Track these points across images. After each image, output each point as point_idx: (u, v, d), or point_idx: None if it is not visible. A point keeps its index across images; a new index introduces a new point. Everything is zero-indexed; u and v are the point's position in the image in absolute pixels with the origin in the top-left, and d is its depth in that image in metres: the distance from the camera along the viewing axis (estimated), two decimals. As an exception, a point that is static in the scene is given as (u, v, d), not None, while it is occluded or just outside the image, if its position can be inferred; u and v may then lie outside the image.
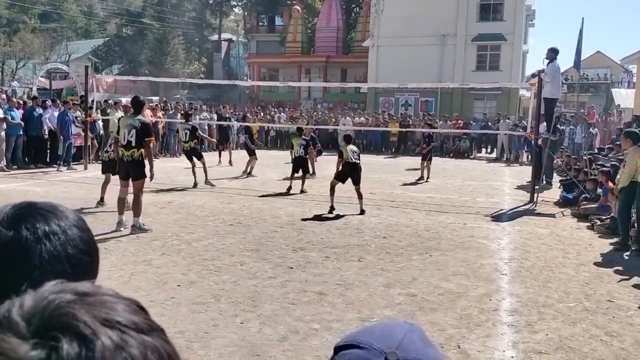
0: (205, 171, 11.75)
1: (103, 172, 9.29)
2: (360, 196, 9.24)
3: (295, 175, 11.50)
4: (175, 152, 18.90)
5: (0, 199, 9.40)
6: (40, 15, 57.67)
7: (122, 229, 7.33)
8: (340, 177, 9.28)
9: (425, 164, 13.84)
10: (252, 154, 13.84)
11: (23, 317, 0.50)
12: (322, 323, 4.44)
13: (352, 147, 9.48)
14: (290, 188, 11.25)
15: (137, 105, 7.72)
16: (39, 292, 0.53)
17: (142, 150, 7.35)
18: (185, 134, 12.14)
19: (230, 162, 15.49)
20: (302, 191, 11.24)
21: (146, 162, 7.47)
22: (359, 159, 9.34)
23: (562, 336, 4.32)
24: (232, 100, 33.08)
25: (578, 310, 4.94)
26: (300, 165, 11.56)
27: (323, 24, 40.44)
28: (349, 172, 9.21)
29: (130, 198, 7.74)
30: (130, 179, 7.46)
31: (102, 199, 9.12)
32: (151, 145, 7.60)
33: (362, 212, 9.13)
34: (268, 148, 23.10)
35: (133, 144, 7.29)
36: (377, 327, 0.71)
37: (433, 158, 14.63)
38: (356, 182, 9.25)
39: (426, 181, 13.57)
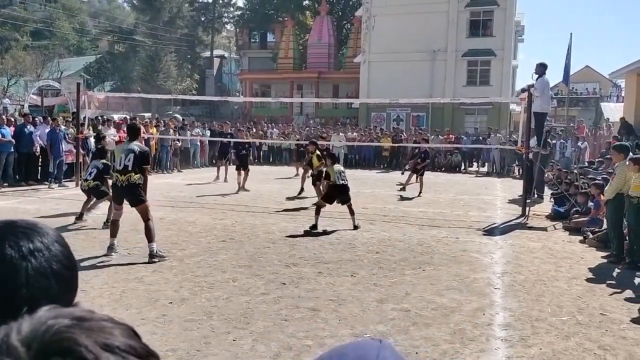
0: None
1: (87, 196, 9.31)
2: (352, 212, 9.21)
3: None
4: (168, 168, 18.87)
5: (-10, 217, 9.31)
6: (32, 32, 57.72)
7: (112, 254, 6.91)
8: (327, 199, 9.17)
9: (417, 179, 13.89)
10: (239, 168, 13.92)
11: (22, 342, 0.50)
12: (315, 339, 4.41)
13: (338, 167, 9.35)
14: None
15: (133, 132, 7.37)
16: (35, 317, 0.53)
17: (139, 174, 6.97)
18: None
19: (225, 179, 15.50)
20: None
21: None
22: (346, 180, 9.26)
23: (556, 350, 4.32)
24: (224, 116, 33.13)
25: (571, 324, 4.94)
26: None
27: (314, 40, 40.74)
28: (337, 194, 9.14)
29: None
30: (131, 205, 7.11)
31: (81, 215, 9.08)
32: (147, 172, 7.24)
33: (356, 227, 9.10)
34: (260, 164, 23.12)
35: (129, 167, 6.93)
36: (350, 348, 0.69)
37: (425, 172, 14.67)
38: (345, 202, 9.19)
39: (418, 196, 13.58)
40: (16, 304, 0.77)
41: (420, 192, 13.76)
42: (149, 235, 6.86)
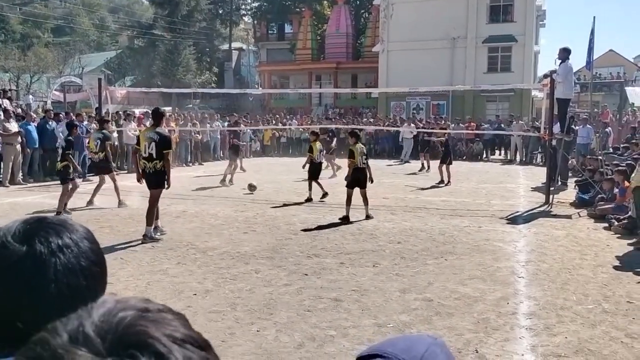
0: (116, 189, 10.24)
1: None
2: (366, 201, 9.14)
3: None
4: (188, 161, 19.02)
5: (18, 212, 9.52)
6: (53, 29, 58.56)
7: (158, 235, 7.61)
8: (353, 184, 9.10)
9: (444, 168, 13.77)
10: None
11: (97, 332, 0.51)
12: (338, 330, 4.43)
13: (361, 146, 9.30)
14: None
15: (157, 117, 7.81)
16: (104, 307, 0.55)
17: (162, 161, 7.46)
18: (96, 144, 10.47)
19: (241, 168, 15.74)
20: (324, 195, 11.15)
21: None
22: (367, 163, 9.27)
23: (582, 339, 4.27)
24: (243, 109, 33.23)
25: (597, 312, 4.88)
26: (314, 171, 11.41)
27: (332, 30, 40.54)
28: (359, 176, 9.10)
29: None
30: (148, 188, 7.62)
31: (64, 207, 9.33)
32: (170, 157, 7.66)
33: (368, 217, 9.06)
34: (280, 155, 23.16)
35: (154, 156, 7.42)
36: (401, 339, 0.72)
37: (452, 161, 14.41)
38: (363, 186, 9.14)
39: (447, 184, 13.48)
40: (45, 299, 0.78)
41: (448, 181, 13.65)
42: (149, 218, 7.42)
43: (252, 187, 12.00)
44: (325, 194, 11.10)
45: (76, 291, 0.80)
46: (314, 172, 11.34)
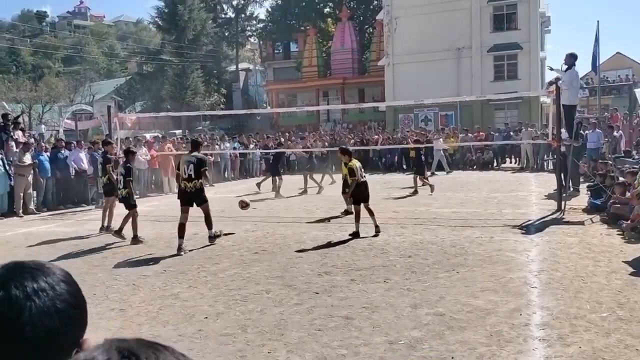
0: (109, 214, 10.45)
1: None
2: (372, 214, 9.10)
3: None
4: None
5: (31, 241, 9.62)
6: (64, 59, 59.61)
7: (182, 253, 8.12)
8: (358, 200, 9.09)
9: (418, 178, 14.21)
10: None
11: None
12: (349, 348, 4.40)
13: (357, 163, 9.27)
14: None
15: (194, 145, 9.08)
16: (107, 352, 0.61)
17: (201, 180, 8.51)
18: (100, 167, 10.84)
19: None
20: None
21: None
22: (365, 176, 9.28)
23: (596, 348, 4.21)
24: (252, 129, 33.47)
25: (611, 320, 4.81)
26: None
27: (337, 46, 40.85)
28: (362, 190, 9.08)
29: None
30: (197, 205, 8.63)
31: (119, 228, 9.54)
32: (207, 173, 8.87)
33: (377, 228, 9.00)
34: (290, 173, 23.20)
35: (193, 176, 8.48)
36: None
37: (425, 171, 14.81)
38: (366, 200, 9.12)
39: (413, 194, 13.88)
40: (20, 342, 0.81)
41: (415, 190, 14.09)
42: (209, 223, 8.69)
43: (244, 204, 11.43)
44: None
45: (52, 333, 0.82)
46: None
